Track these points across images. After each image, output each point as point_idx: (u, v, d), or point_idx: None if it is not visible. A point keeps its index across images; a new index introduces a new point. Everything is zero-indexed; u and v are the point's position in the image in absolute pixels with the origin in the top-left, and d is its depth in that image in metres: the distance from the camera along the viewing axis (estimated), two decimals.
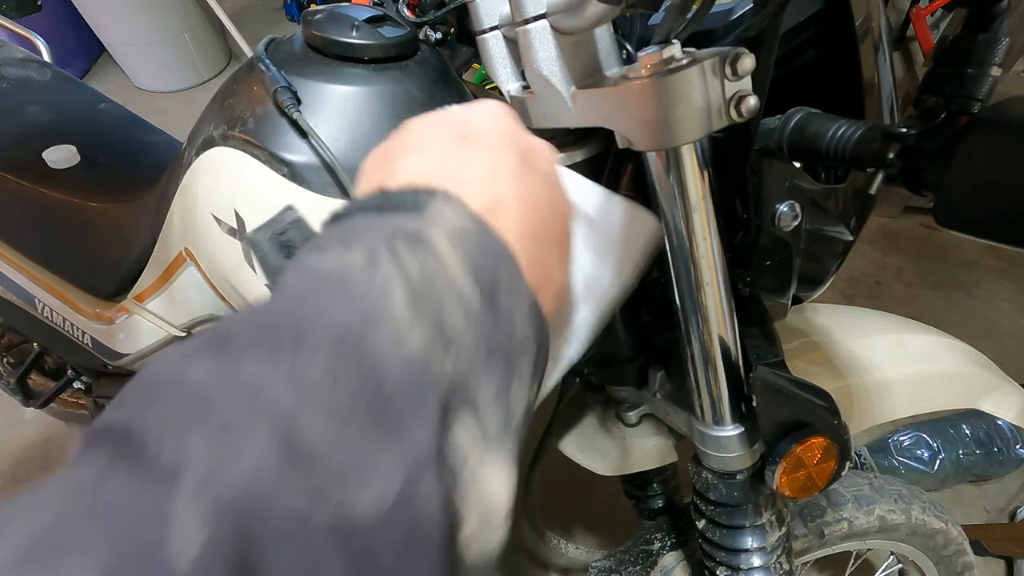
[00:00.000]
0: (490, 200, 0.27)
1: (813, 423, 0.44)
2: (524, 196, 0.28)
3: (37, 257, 0.78)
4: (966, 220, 0.33)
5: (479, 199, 0.27)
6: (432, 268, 0.23)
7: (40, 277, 0.78)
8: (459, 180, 0.27)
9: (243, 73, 0.48)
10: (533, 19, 0.37)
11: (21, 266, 0.78)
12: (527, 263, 0.27)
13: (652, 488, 0.74)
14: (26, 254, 0.78)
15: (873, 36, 0.44)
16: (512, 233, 0.27)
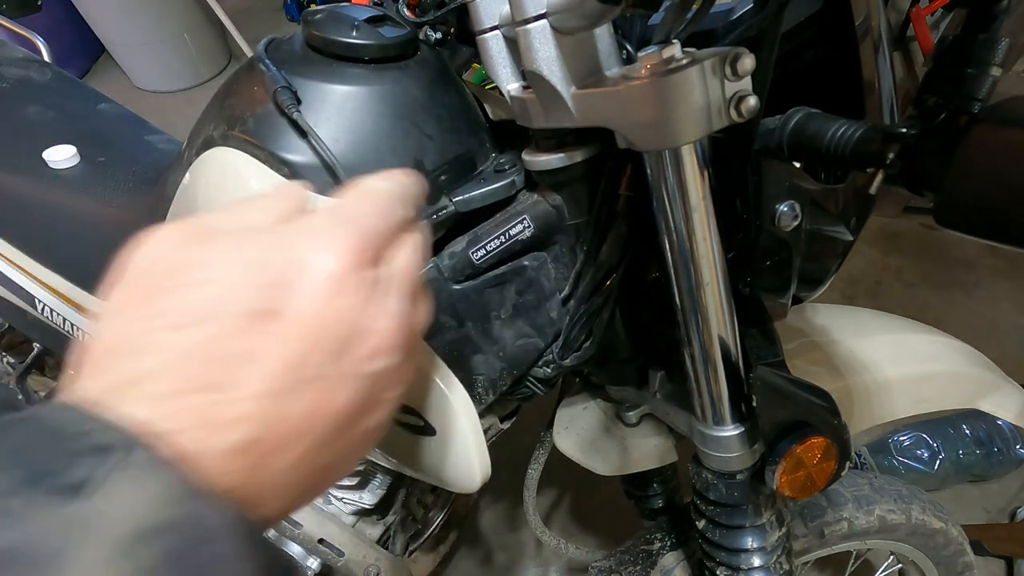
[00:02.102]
0: (248, 427, 0.20)
1: (813, 423, 0.44)
2: (311, 409, 0.22)
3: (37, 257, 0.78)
4: (966, 220, 0.33)
5: (228, 431, 0.20)
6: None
7: (40, 277, 0.78)
8: (215, 394, 0.20)
9: (243, 73, 0.48)
10: (533, 19, 0.37)
11: (21, 266, 0.78)
12: (298, 479, 0.22)
13: (652, 488, 0.74)
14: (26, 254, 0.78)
15: (873, 36, 0.44)
16: (282, 457, 0.21)
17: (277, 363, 0.21)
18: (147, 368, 0.20)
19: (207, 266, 0.22)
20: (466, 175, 0.48)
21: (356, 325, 0.23)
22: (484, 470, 0.46)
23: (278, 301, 0.22)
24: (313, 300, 0.22)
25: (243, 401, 0.20)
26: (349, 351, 0.23)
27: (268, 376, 0.21)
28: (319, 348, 0.22)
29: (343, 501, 0.84)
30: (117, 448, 0.18)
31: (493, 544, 1.26)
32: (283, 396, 0.21)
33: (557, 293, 0.50)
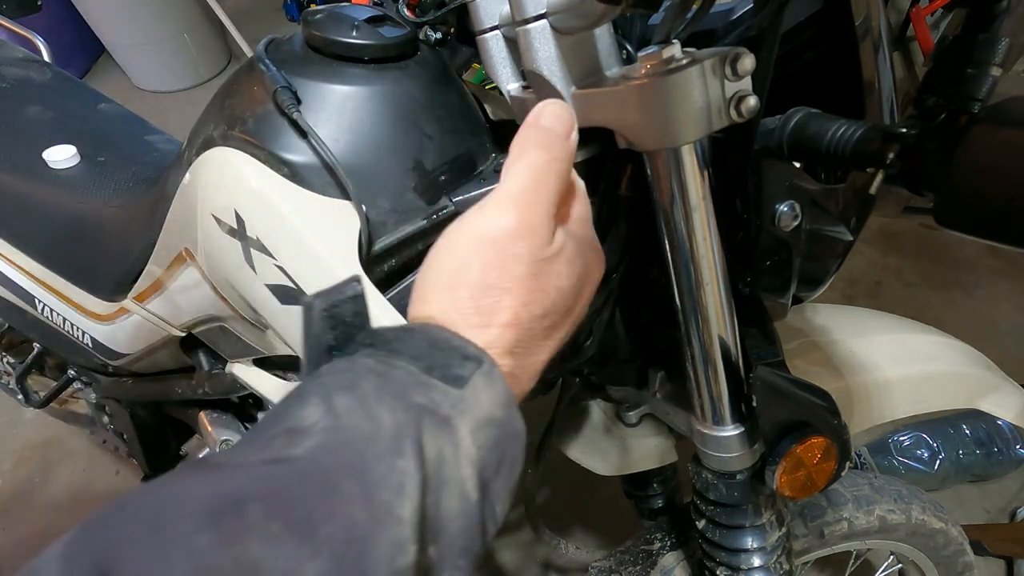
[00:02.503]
0: (546, 355, 0.30)
1: (813, 423, 0.44)
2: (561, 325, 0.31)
3: (37, 257, 0.78)
4: (966, 220, 0.33)
5: (527, 354, 0.29)
6: (447, 457, 0.23)
7: (40, 277, 0.78)
8: (522, 330, 0.29)
9: (243, 73, 0.48)
10: (533, 19, 0.37)
11: (21, 266, 0.78)
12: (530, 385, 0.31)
13: (652, 488, 0.74)
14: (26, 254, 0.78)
15: (873, 36, 0.44)
16: (535, 369, 0.30)
17: (563, 331, 0.31)
18: (512, 336, 0.29)
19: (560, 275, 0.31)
20: (466, 175, 0.48)
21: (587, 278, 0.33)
22: None
23: (577, 297, 0.32)
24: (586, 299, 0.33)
25: (542, 341, 0.30)
26: (583, 293, 0.33)
27: (558, 339, 0.31)
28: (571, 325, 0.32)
29: None
30: (479, 359, 0.26)
31: (493, 544, 1.26)
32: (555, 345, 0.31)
33: None
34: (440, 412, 0.24)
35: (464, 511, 0.23)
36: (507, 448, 0.26)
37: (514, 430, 0.26)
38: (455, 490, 0.23)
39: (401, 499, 0.21)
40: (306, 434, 0.22)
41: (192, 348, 0.72)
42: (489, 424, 0.25)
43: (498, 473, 0.25)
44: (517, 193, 0.30)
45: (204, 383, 0.73)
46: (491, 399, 0.26)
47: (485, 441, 0.25)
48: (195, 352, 0.72)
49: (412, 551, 0.21)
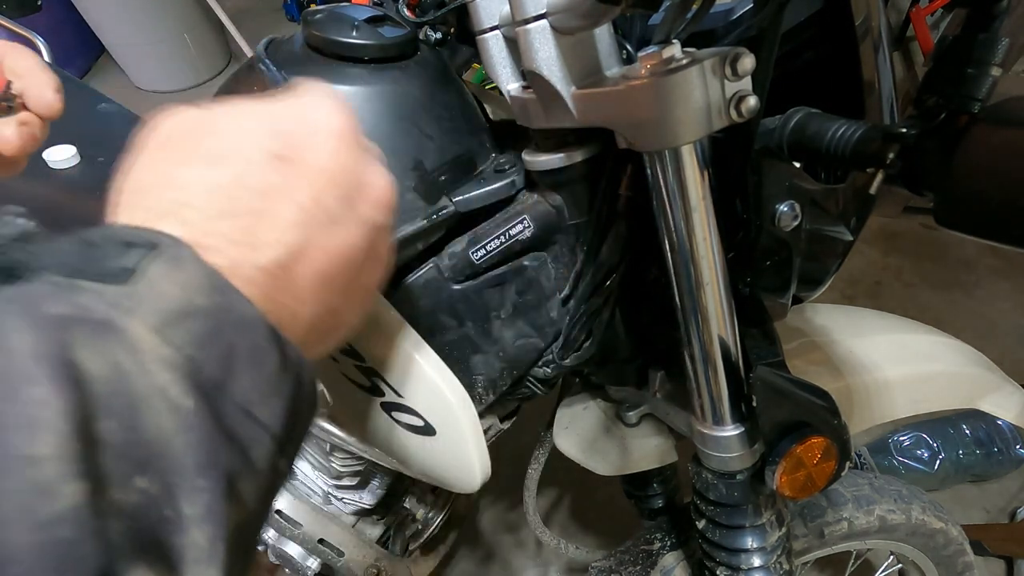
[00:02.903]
0: (285, 250, 0.24)
1: (813, 423, 0.44)
2: (330, 247, 0.25)
3: None
4: (966, 220, 0.33)
5: (268, 249, 0.23)
6: (127, 368, 0.19)
7: None
8: (252, 217, 0.23)
9: (243, 73, 0.48)
10: (533, 19, 0.37)
11: None
12: (313, 315, 0.25)
13: (652, 488, 0.74)
14: None
15: (873, 36, 0.44)
16: (304, 286, 0.24)
17: (305, 198, 0.24)
18: (182, 199, 0.23)
19: (227, 119, 0.25)
20: (466, 175, 0.48)
21: (360, 177, 0.27)
22: (484, 470, 0.46)
23: (294, 148, 0.25)
24: (325, 150, 0.26)
25: (279, 226, 0.24)
26: (358, 198, 0.26)
27: (298, 208, 0.24)
28: (336, 191, 0.25)
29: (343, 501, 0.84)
30: (153, 244, 0.21)
31: (493, 544, 1.26)
32: (312, 228, 0.24)
33: (557, 293, 0.50)
34: (93, 317, 0.19)
35: (183, 424, 0.19)
36: (234, 338, 0.21)
37: (237, 316, 0.21)
38: (157, 403, 0.19)
39: (34, 436, 0.16)
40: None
41: None
42: (188, 315, 0.20)
43: (231, 370, 0.21)
44: None
45: None
46: (182, 284, 0.20)
47: (188, 337, 0.20)
48: None
49: (72, 492, 0.17)
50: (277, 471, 0.23)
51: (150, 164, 0.25)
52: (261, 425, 0.22)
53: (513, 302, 0.49)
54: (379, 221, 0.27)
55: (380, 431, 0.47)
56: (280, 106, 0.26)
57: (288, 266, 0.24)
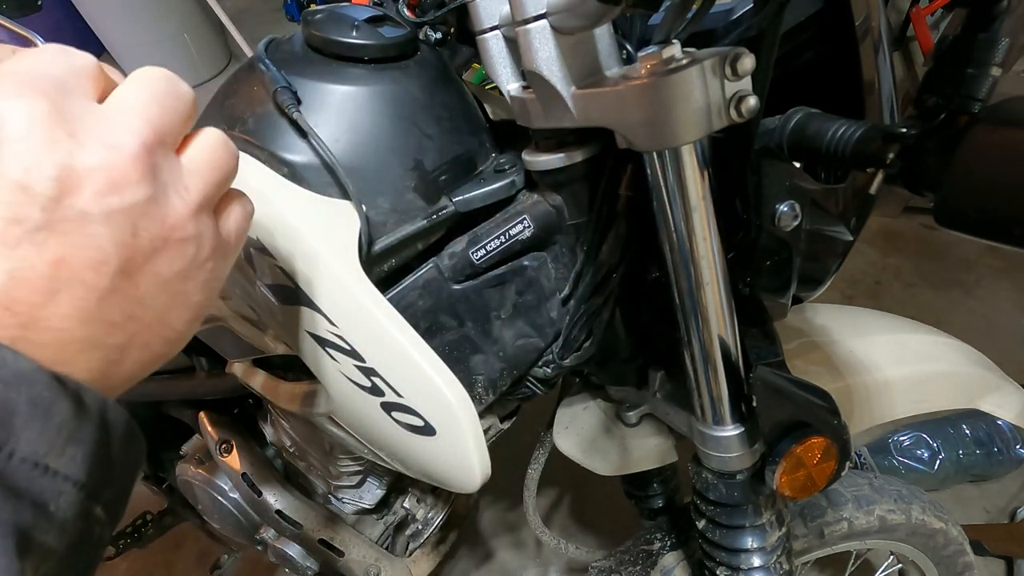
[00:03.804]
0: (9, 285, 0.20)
1: (813, 423, 0.44)
2: (55, 259, 0.21)
3: None
4: (966, 220, 0.33)
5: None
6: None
7: None
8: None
9: (243, 73, 0.48)
10: (533, 19, 0.37)
11: None
12: (93, 336, 0.22)
13: (652, 488, 0.74)
14: None
15: (873, 36, 0.44)
16: (59, 311, 0.21)
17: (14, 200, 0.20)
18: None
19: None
20: (466, 175, 0.48)
21: (66, 163, 0.21)
22: (484, 470, 0.46)
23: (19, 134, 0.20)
24: (3, 148, 0.21)
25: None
26: (72, 192, 0.21)
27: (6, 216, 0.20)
28: (31, 196, 0.21)
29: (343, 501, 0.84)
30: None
31: (493, 544, 1.26)
32: (15, 250, 0.20)
33: (557, 293, 0.50)
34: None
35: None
36: (7, 395, 0.19)
37: (6, 374, 0.19)
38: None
39: None
40: None
41: (192, 348, 0.72)
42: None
43: (9, 427, 0.19)
44: None
45: (204, 383, 0.72)
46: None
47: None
48: (195, 352, 0.72)
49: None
50: (91, 517, 0.21)
51: None
52: (60, 476, 0.20)
53: (513, 302, 0.49)
54: (124, 204, 0.22)
55: (380, 431, 0.47)
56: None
57: (6, 302, 0.20)
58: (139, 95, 0.25)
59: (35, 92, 0.22)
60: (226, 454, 0.79)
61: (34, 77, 0.22)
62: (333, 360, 0.44)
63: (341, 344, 0.42)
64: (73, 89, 0.23)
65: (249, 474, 0.79)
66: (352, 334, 0.42)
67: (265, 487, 0.79)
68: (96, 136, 0.22)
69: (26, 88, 0.22)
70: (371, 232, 0.43)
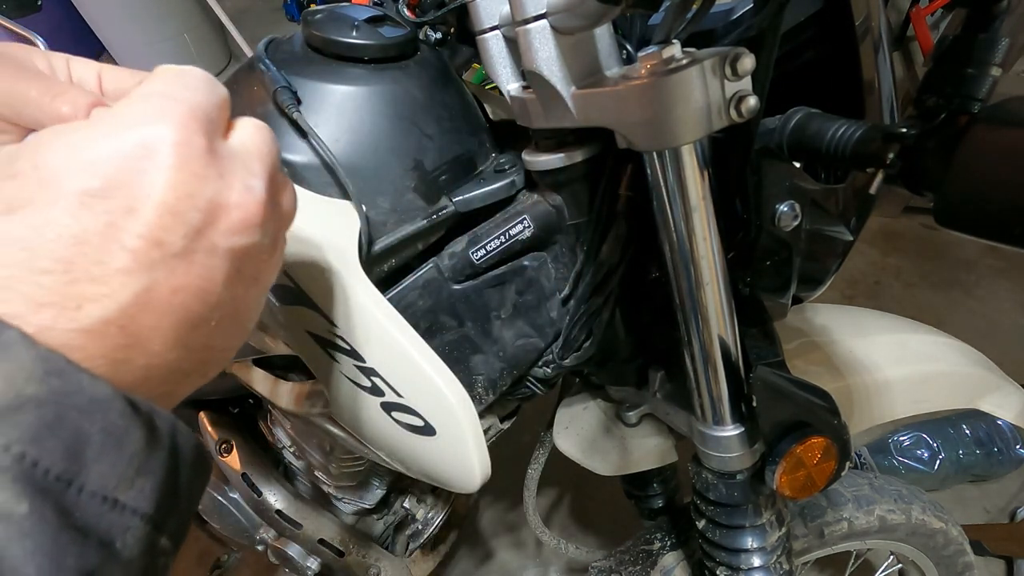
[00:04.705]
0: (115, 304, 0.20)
1: (813, 423, 0.44)
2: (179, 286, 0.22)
3: None
4: (966, 220, 0.33)
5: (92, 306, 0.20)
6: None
7: None
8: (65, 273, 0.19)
9: (243, 73, 0.48)
10: (533, 19, 0.37)
11: None
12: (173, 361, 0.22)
13: (652, 488, 0.74)
14: None
15: (873, 36, 0.44)
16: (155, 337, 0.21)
17: (136, 239, 0.20)
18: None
19: (26, 158, 0.21)
20: (466, 175, 0.48)
21: (213, 198, 0.22)
22: (484, 470, 0.46)
23: (115, 180, 0.21)
24: (158, 176, 0.21)
25: (104, 278, 0.20)
26: (211, 226, 0.22)
27: (128, 253, 0.20)
28: (176, 223, 0.21)
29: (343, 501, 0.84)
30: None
31: (493, 544, 1.26)
32: (152, 271, 0.21)
33: (557, 293, 0.50)
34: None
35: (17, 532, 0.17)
36: (82, 424, 0.19)
37: (85, 398, 0.19)
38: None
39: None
40: None
41: None
42: (15, 409, 0.18)
43: (81, 459, 0.18)
44: None
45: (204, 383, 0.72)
46: (4, 376, 0.18)
47: (17, 433, 0.17)
48: None
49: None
50: (156, 550, 0.21)
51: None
52: (128, 510, 0.20)
53: (513, 302, 0.49)
54: (243, 245, 0.24)
55: (380, 431, 0.47)
56: (97, 128, 0.22)
57: (123, 322, 0.20)
58: (258, 141, 0.26)
59: (193, 125, 0.22)
60: (226, 454, 0.79)
61: (192, 108, 0.23)
62: (333, 360, 0.44)
63: (341, 344, 0.42)
64: (219, 124, 0.24)
65: (249, 474, 0.79)
66: (352, 334, 0.42)
67: (265, 487, 0.79)
68: (239, 177, 0.24)
69: (185, 119, 0.22)
70: (371, 232, 0.43)
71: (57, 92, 0.26)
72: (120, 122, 0.22)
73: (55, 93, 0.26)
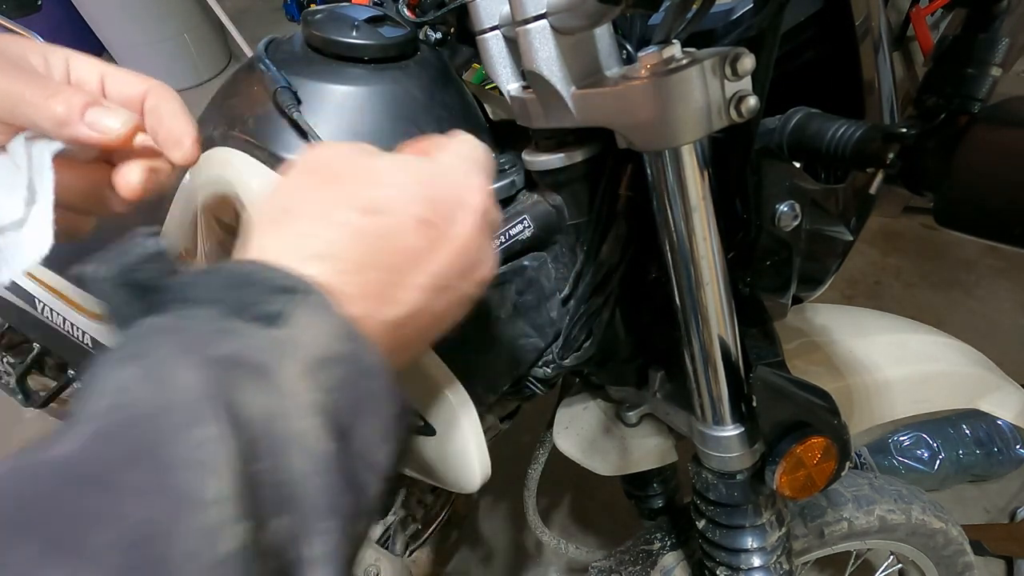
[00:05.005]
0: (406, 309, 0.25)
1: (813, 423, 0.44)
2: (436, 311, 0.27)
3: None
4: (966, 220, 0.33)
5: (395, 306, 0.25)
6: (276, 412, 0.20)
7: (40, 277, 0.78)
8: (390, 275, 0.25)
9: (243, 73, 0.48)
10: (533, 19, 0.37)
11: None
12: (402, 363, 0.27)
13: (652, 488, 0.74)
14: None
15: (873, 36, 0.44)
16: (405, 342, 0.26)
17: (437, 268, 0.26)
18: (329, 246, 0.24)
19: (383, 173, 0.27)
20: None
21: (479, 255, 0.29)
22: (484, 470, 0.46)
23: (441, 218, 0.27)
24: (465, 226, 0.27)
25: (410, 288, 0.26)
26: (471, 274, 0.28)
27: (428, 276, 0.26)
28: (458, 266, 0.27)
29: None
30: (299, 290, 0.22)
31: (493, 544, 1.26)
32: (431, 294, 0.26)
33: (557, 293, 0.50)
34: (254, 360, 0.20)
35: (318, 467, 0.20)
36: (365, 385, 0.22)
37: (368, 364, 0.23)
38: (299, 447, 0.20)
39: (205, 477, 0.17)
40: (79, 428, 0.18)
41: None
42: (330, 362, 0.21)
43: (359, 416, 0.22)
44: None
45: None
46: (326, 332, 0.22)
47: (329, 382, 0.21)
48: None
49: (236, 533, 0.17)
50: (378, 510, 0.24)
51: (304, 188, 0.26)
52: (375, 469, 0.23)
53: (513, 302, 0.49)
54: (476, 294, 0.30)
55: None
56: (434, 170, 0.28)
57: (403, 323, 0.26)
58: (496, 215, 0.32)
59: (489, 202, 0.29)
60: None
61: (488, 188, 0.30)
62: None
63: None
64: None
65: None
66: None
67: None
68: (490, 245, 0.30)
69: (487, 195, 0.29)
70: None
71: (51, 92, 0.28)
72: (453, 173, 0.29)
73: (49, 93, 0.28)
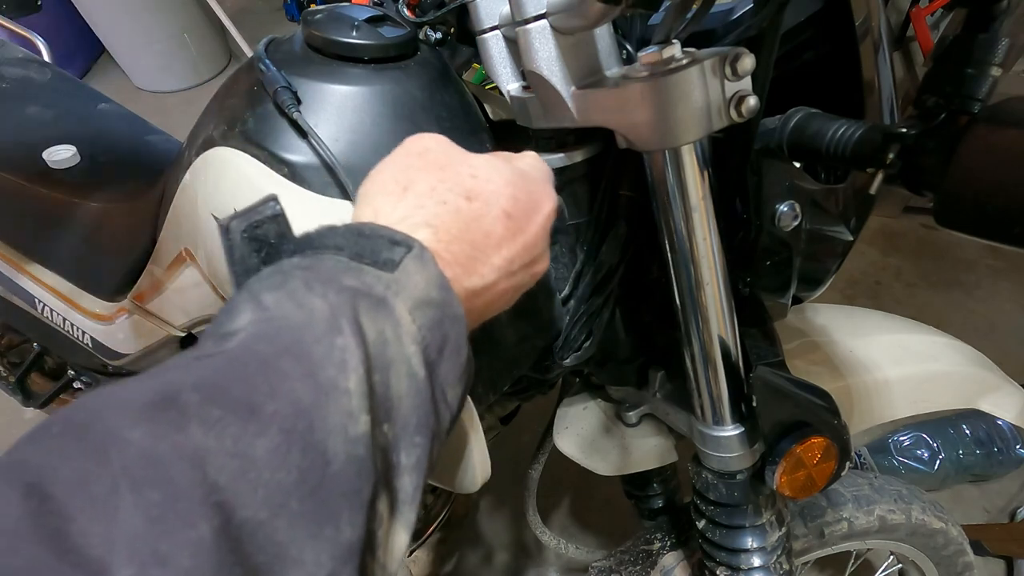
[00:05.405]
0: (482, 282, 0.30)
1: (813, 423, 0.44)
2: (500, 291, 0.31)
3: (37, 257, 0.78)
4: (966, 220, 0.33)
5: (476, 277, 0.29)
6: (388, 336, 0.24)
7: (40, 277, 0.78)
8: (476, 251, 0.29)
9: (243, 73, 0.48)
10: (533, 19, 0.37)
11: (21, 266, 0.78)
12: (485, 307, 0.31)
13: (652, 488, 0.74)
14: (26, 254, 0.78)
15: (873, 36, 0.44)
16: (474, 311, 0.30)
17: (510, 254, 0.31)
18: (436, 217, 0.29)
19: (480, 168, 0.32)
20: None
21: (540, 252, 0.33)
22: (484, 470, 0.46)
23: (521, 213, 0.31)
24: (536, 225, 0.32)
25: (487, 264, 0.30)
26: (532, 267, 0.33)
27: (503, 259, 0.31)
28: (525, 257, 0.32)
29: None
30: (410, 245, 0.26)
31: (493, 544, 1.26)
32: (500, 275, 0.31)
33: (557, 293, 0.50)
34: (375, 293, 0.24)
35: (413, 388, 0.24)
36: (449, 330, 0.26)
37: (454, 312, 0.27)
38: (402, 368, 0.24)
39: (345, 373, 0.21)
40: (237, 333, 0.22)
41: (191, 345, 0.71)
42: (427, 304, 0.26)
43: (442, 354, 0.26)
44: None
45: None
46: (426, 280, 0.26)
47: (425, 320, 0.25)
48: None
49: (364, 421, 0.21)
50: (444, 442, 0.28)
51: (415, 169, 0.31)
52: (448, 404, 0.27)
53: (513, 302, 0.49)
54: (530, 282, 0.34)
55: None
56: (520, 173, 0.33)
57: (479, 293, 0.30)
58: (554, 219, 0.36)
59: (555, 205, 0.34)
60: None
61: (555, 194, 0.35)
62: None
63: None
64: None
65: None
66: None
67: None
68: (547, 243, 0.35)
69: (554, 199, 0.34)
70: None
71: None
72: (534, 178, 0.33)
73: None
